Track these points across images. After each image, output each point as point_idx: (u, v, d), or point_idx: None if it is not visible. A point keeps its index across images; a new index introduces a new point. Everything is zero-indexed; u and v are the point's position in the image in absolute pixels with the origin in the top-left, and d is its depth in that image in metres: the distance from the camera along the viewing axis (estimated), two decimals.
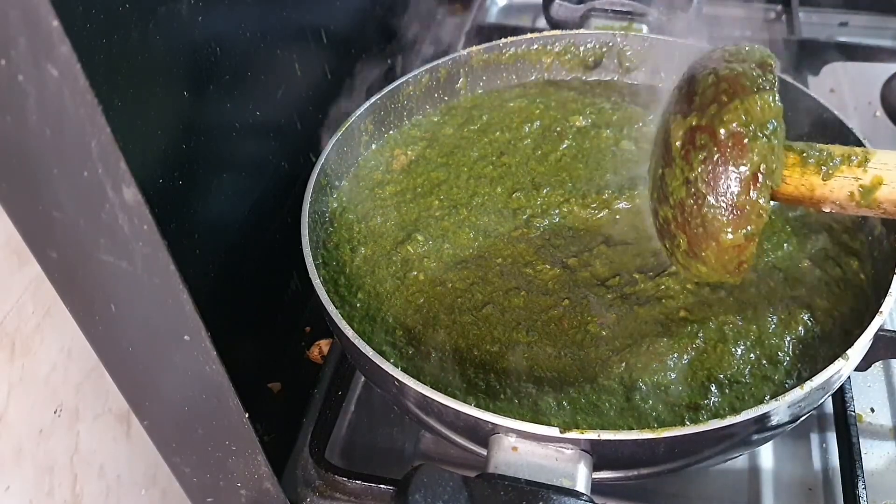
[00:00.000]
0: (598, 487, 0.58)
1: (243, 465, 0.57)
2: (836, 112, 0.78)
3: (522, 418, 0.57)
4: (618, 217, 0.77)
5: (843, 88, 1.16)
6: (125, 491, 0.71)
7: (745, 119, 0.56)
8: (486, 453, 0.57)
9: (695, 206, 0.58)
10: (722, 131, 0.56)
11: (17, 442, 0.58)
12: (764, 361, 0.64)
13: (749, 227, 0.57)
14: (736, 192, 0.56)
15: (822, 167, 0.58)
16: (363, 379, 0.81)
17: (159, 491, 0.75)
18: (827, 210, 0.60)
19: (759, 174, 0.56)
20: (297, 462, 0.75)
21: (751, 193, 0.56)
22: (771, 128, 0.56)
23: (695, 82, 0.60)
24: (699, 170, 0.57)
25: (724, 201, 0.57)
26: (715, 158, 0.56)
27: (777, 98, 0.57)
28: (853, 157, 0.58)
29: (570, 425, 0.59)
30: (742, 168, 0.56)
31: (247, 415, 0.53)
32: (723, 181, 0.56)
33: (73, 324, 0.46)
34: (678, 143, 0.59)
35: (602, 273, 0.72)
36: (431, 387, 0.59)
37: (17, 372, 0.57)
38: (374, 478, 0.69)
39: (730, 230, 0.57)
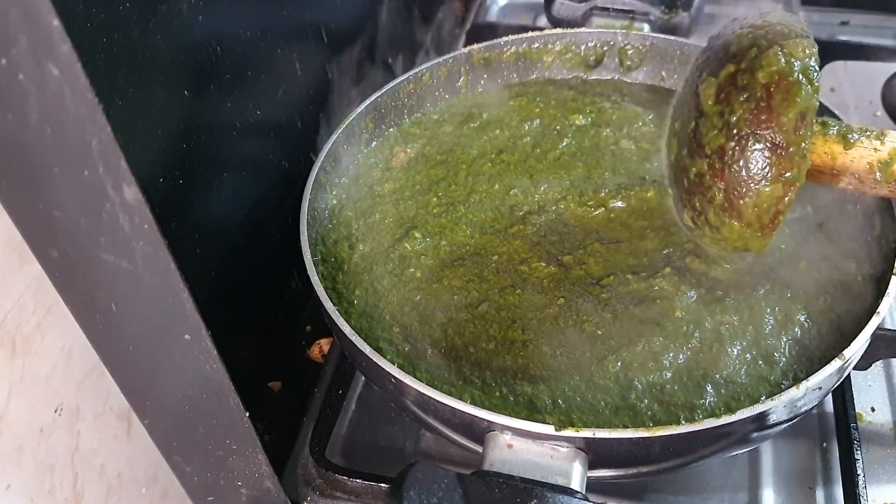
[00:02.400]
0: (594, 486, 0.58)
1: (244, 464, 0.57)
2: (836, 111, 0.78)
3: (518, 416, 0.57)
4: (612, 216, 0.77)
5: (844, 87, 1.16)
6: (126, 489, 0.71)
7: (789, 59, 0.55)
8: (481, 451, 0.58)
9: (737, 149, 0.56)
10: (765, 71, 0.55)
11: (17, 440, 0.58)
12: (760, 362, 0.64)
13: (792, 171, 0.56)
14: (783, 132, 0.55)
15: (844, 137, 0.59)
16: (364, 378, 0.81)
17: (160, 489, 0.76)
18: (844, 184, 0.60)
19: (805, 113, 0.55)
20: (297, 461, 0.76)
21: (797, 133, 0.55)
22: (813, 66, 0.55)
23: (730, 38, 0.59)
24: (741, 111, 0.56)
25: (769, 141, 0.55)
26: (759, 96, 0.55)
27: (814, 43, 0.57)
28: (870, 132, 0.59)
29: (565, 423, 0.59)
30: (789, 108, 0.55)
31: (247, 414, 0.53)
32: (767, 120, 0.55)
33: (74, 323, 0.46)
34: (716, 88, 0.58)
35: (596, 272, 0.72)
36: (427, 384, 0.59)
37: (18, 371, 0.57)
38: (375, 476, 0.69)
39: (773, 173, 0.56)
